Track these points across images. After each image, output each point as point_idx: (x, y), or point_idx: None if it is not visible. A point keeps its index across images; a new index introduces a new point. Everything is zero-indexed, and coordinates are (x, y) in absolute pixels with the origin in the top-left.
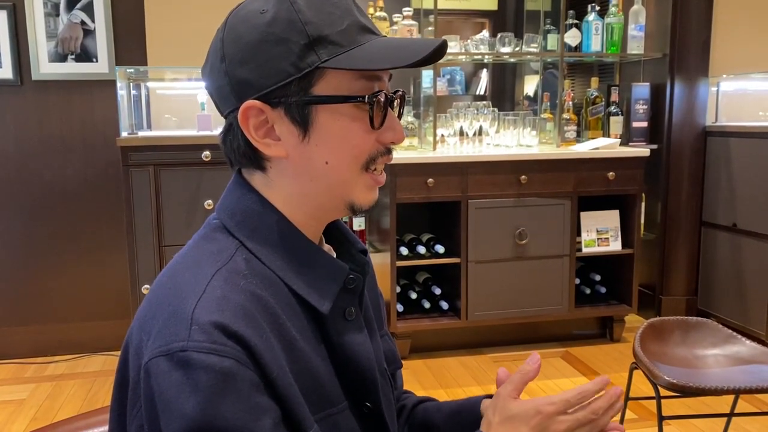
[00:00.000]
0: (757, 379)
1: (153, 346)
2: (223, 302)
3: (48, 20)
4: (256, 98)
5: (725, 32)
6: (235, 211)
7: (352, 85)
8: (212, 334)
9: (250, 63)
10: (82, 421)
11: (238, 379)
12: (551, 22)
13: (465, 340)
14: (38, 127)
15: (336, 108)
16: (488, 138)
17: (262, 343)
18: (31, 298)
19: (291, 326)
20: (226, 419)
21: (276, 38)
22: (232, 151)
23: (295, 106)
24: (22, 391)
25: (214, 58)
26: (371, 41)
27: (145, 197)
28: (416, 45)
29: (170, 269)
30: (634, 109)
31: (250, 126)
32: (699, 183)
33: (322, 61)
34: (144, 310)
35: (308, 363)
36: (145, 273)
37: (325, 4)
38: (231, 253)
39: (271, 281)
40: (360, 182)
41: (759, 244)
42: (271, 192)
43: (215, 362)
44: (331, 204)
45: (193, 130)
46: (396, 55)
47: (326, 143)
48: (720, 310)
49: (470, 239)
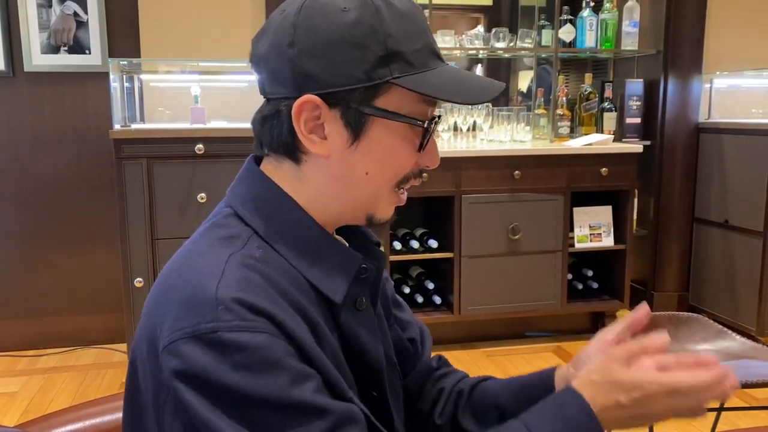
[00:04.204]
0: (747, 374)
1: (174, 329)
2: (244, 282)
3: (40, 11)
4: (316, 93)
5: (719, 29)
6: (247, 199)
7: (412, 107)
8: (240, 311)
9: (322, 58)
10: (74, 413)
11: (275, 351)
12: (546, 17)
13: (458, 334)
14: (30, 120)
15: (391, 124)
16: (482, 133)
17: (289, 318)
18: (23, 290)
19: (312, 310)
20: (272, 391)
21: (355, 42)
22: (270, 135)
23: (353, 112)
24: (13, 383)
25: (279, 38)
26: (440, 68)
27: (138, 190)
28: (483, 84)
29: (181, 256)
30: (628, 105)
31: (302, 119)
32: (691, 179)
33: (394, 77)
34: (155, 298)
35: (332, 347)
36: (138, 266)
37: (406, 21)
38: (245, 240)
39: (285, 269)
40: (387, 199)
41: (750, 240)
42: (298, 185)
43: (249, 339)
44: (353, 212)
45: (187, 123)
46: (463, 90)
47: (372, 155)
48: (711, 305)
49: (463, 234)
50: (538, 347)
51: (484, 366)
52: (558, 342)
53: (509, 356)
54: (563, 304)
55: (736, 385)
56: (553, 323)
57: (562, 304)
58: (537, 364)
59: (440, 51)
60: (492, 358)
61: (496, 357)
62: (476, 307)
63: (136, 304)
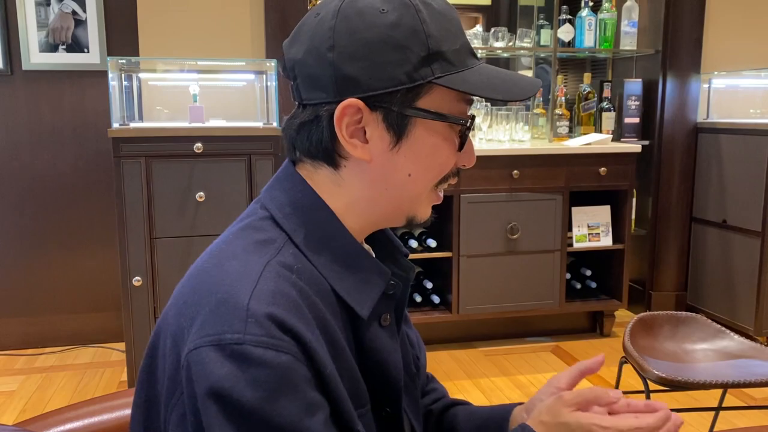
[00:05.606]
0: (744, 373)
1: (200, 333)
2: (278, 295)
3: (39, 10)
4: (357, 97)
5: (717, 29)
6: (284, 203)
7: (453, 106)
8: (269, 328)
9: (363, 61)
10: (72, 412)
11: (295, 375)
12: (545, 17)
13: (456, 333)
14: (28, 118)
15: (433, 125)
16: (481, 133)
17: (315, 339)
18: (21, 289)
19: (335, 324)
20: (282, 416)
21: (396, 43)
22: (309, 141)
23: (396, 115)
24: (11, 382)
25: (318, 42)
26: (478, 66)
27: (137, 189)
28: (523, 82)
29: (213, 255)
30: (626, 105)
31: (344, 123)
32: (690, 179)
33: (436, 77)
34: (184, 295)
35: (348, 362)
36: (136, 265)
37: (445, 20)
38: (279, 246)
39: (316, 279)
40: (428, 198)
41: (748, 240)
42: (336, 189)
43: (273, 358)
44: (394, 214)
45: (185, 122)
46: (504, 88)
47: (415, 156)
48: (709, 305)
49: (462, 233)
50: (537, 347)
51: (482, 366)
52: (556, 342)
53: (508, 356)
54: (561, 304)
55: (679, 425)
56: (552, 323)
57: (560, 304)
58: (536, 363)
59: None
60: (490, 358)
61: (495, 356)
62: (475, 307)
63: (135, 303)
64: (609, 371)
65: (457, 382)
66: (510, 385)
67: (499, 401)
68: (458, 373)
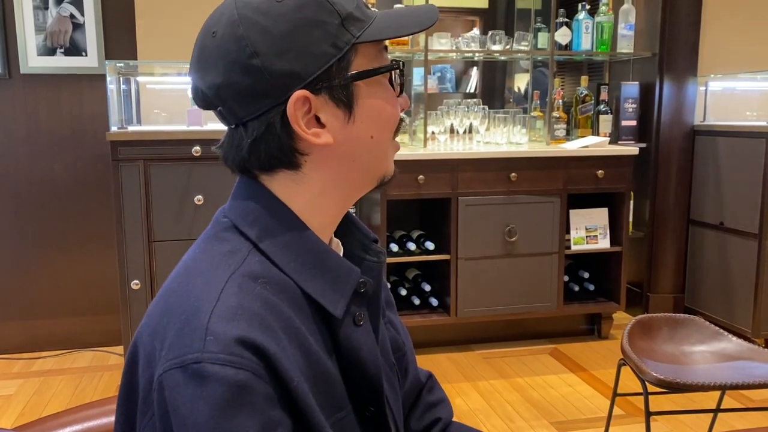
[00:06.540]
0: (742, 375)
1: (168, 356)
2: (238, 311)
3: (37, 13)
4: (300, 88)
5: (714, 32)
6: (246, 211)
7: (378, 57)
8: (228, 344)
9: (290, 52)
10: (70, 416)
11: (253, 393)
12: (542, 20)
13: (454, 336)
14: (26, 122)
15: (371, 81)
16: (478, 135)
17: (280, 351)
18: (19, 292)
19: (305, 330)
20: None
21: (310, 22)
22: (266, 153)
23: (339, 88)
24: (9, 386)
25: (235, 56)
26: (378, 14)
27: (135, 192)
28: (423, 11)
29: (181, 273)
30: (623, 107)
31: (299, 118)
32: (687, 181)
33: (356, 38)
34: (156, 316)
35: (322, 367)
36: (135, 268)
37: None
38: (244, 255)
39: (285, 285)
40: (390, 151)
41: (745, 242)
42: (298, 189)
43: (230, 375)
44: (365, 179)
45: (183, 125)
46: (414, 22)
47: (369, 117)
48: (707, 307)
49: (460, 236)
50: (535, 349)
51: (480, 368)
52: (554, 344)
53: (506, 358)
54: (559, 306)
55: None
56: (550, 325)
57: (558, 306)
58: (534, 366)
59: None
60: (488, 360)
61: (493, 359)
62: (473, 309)
63: (133, 307)
64: (607, 374)
65: (456, 384)
66: (508, 388)
67: (497, 404)
68: (456, 376)
